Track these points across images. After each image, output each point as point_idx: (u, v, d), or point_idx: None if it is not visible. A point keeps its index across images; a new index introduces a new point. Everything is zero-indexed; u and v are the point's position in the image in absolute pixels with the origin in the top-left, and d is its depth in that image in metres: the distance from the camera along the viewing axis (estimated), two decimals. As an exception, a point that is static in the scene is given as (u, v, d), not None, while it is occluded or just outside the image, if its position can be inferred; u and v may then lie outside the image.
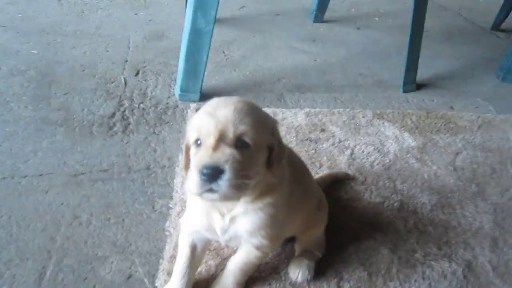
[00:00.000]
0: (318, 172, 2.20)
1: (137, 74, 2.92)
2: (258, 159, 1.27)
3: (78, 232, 1.80)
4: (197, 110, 2.49)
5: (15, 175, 2.03)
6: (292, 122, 2.57)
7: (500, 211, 2.11)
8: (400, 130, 2.59)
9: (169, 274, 1.61)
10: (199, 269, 1.66)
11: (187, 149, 1.34)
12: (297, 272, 1.66)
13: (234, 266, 1.54)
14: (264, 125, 1.30)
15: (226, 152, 1.19)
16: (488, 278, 1.78)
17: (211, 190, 1.19)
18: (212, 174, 1.17)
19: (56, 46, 3.12)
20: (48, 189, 1.98)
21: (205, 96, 2.71)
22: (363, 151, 2.39)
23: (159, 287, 1.61)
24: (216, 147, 1.20)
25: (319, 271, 1.71)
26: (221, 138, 1.20)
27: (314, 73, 3.18)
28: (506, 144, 2.60)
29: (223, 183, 1.17)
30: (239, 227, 1.39)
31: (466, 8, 4.81)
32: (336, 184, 2.15)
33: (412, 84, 3.10)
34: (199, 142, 1.25)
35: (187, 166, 1.34)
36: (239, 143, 1.22)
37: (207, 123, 1.22)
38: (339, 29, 3.96)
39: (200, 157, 1.20)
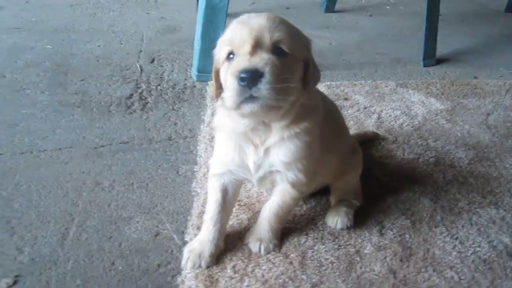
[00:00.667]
0: (346, 134, 2.11)
1: (152, 61, 2.88)
2: (296, 70, 1.18)
3: (100, 196, 1.72)
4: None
5: (33, 149, 1.97)
6: (313, 94, 2.50)
7: (543, 163, 1.99)
8: (425, 96, 2.50)
9: (199, 229, 1.51)
10: (230, 222, 1.56)
11: (216, 72, 1.26)
12: (336, 220, 1.55)
13: (269, 211, 1.44)
14: (299, 37, 1.23)
15: (264, 57, 1.11)
16: (540, 222, 1.65)
17: (251, 99, 1.10)
18: (251, 77, 1.08)
19: (70, 42, 3.11)
20: (68, 161, 1.91)
21: (222, 77, 2.65)
22: (390, 115, 2.29)
23: (189, 241, 1.50)
24: (253, 53, 1.12)
25: (358, 221, 1.60)
26: (257, 45, 1.12)
27: (330, 54, 3.12)
28: (538, 104, 2.49)
29: (264, 86, 1.08)
30: (274, 158, 1.29)
31: (477, -5, 4.77)
32: (366, 143, 2.05)
33: (432, 58, 3.02)
34: (231, 56, 1.18)
35: (217, 92, 1.26)
36: (276, 51, 1.14)
37: (241, 32, 1.14)
38: (351, 17, 3.93)
39: (237, 64, 1.12)
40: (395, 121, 2.24)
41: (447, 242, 1.53)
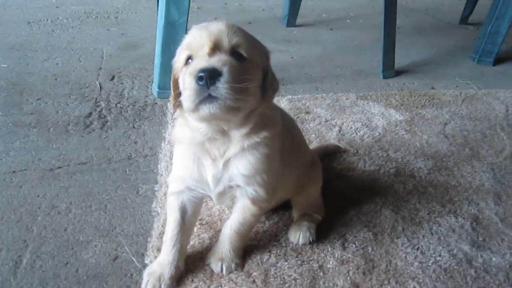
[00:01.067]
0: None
1: (112, 78, 2.83)
2: (254, 75, 1.17)
3: (56, 220, 1.66)
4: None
5: (-15, 173, 1.88)
6: (275, 108, 2.50)
7: (498, 170, 2.05)
8: (385, 108, 2.55)
9: (159, 250, 1.47)
10: (191, 242, 1.53)
11: (175, 81, 1.23)
12: (298, 235, 1.54)
13: (230, 229, 1.42)
14: (258, 46, 1.23)
15: (223, 57, 1.11)
16: (497, 229, 1.70)
17: (209, 98, 1.07)
18: (210, 76, 1.06)
19: (26, 60, 3.02)
20: (23, 184, 1.84)
21: (184, 93, 2.63)
22: (351, 127, 2.32)
23: (149, 264, 1.46)
24: (211, 54, 1.11)
25: (321, 235, 1.60)
26: (216, 47, 1.12)
27: (292, 68, 3.14)
28: (493, 113, 2.57)
29: (222, 85, 1.07)
30: (234, 172, 1.27)
31: (432, 9, 4.93)
32: (328, 156, 2.06)
33: (391, 70, 3.09)
34: (190, 60, 1.16)
35: (176, 102, 1.23)
36: (234, 54, 1.13)
37: (200, 36, 1.13)
38: (313, 31, 3.98)
39: (195, 64, 1.10)
40: (356, 133, 2.26)
41: (409, 253, 1.55)
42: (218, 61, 1.09)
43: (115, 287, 1.40)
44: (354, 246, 1.56)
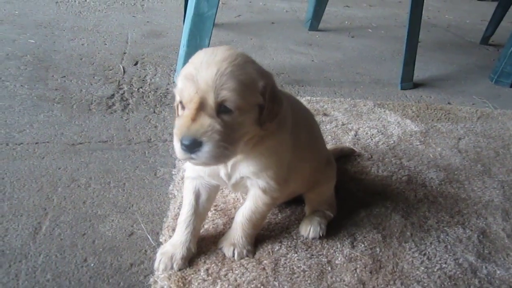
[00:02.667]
0: (324, 148, 2.15)
1: (135, 64, 2.88)
2: (243, 123, 1.21)
3: (76, 193, 1.71)
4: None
5: (9, 142, 1.94)
6: (294, 107, 2.54)
7: (508, 188, 2.07)
8: (401, 117, 2.58)
9: (174, 231, 1.52)
10: (206, 226, 1.58)
11: (177, 106, 1.28)
12: (309, 228, 1.58)
13: (242, 216, 1.46)
14: (252, 86, 1.21)
15: (205, 123, 1.15)
16: (503, 244, 1.72)
17: (192, 158, 1.17)
18: (191, 145, 1.14)
19: (53, 38, 3.09)
20: (45, 156, 1.89)
21: (205, 84, 2.68)
22: (367, 133, 2.36)
23: (164, 242, 1.50)
24: (195, 117, 1.15)
25: (331, 232, 1.64)
26: (201, 107, 1.16)
27: (312, 70, 3.18)
28: (507, 132, 2.60)
29: (202, 154, 1.15)
30: (243, 170, 1.33)
31: (454, 26, 4.96)
32: (342, 159, 2.10)
33: (409, 81, 3.12)
34: (181, 105, 1.23)
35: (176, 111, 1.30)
36: (221, 109, 1.17)
37: (188, 88, 1.17)
38: (334, 36, 4.02)
39: (180, 126, 1.16)
40: (371, 139, 2.30)
41: (416, 257, 1.58)
42: (200, 128, 1.14)
43: (130, 261, 1.44)
44: (362, 245, 1.60)
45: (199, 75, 1.16)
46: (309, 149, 1.54)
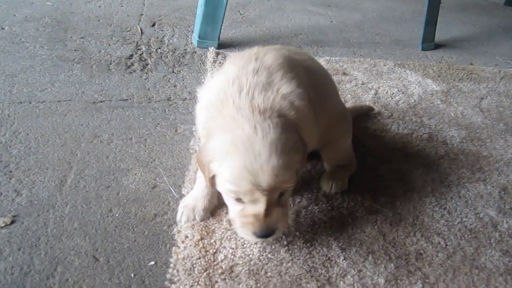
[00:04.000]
0: (343, 106, 2.14)
1: (153, 25, 2.87)
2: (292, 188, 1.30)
3: (99, 148, 1.73)
4: (216, 54, 2.46)
5: (32, 100, 1.96)
6: (312, 67, 2.52)
7: (531, 146, 2.05)
8: (422, 77, 2.54)
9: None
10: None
11: (209, 173, 1.25)
12: (330, 184, 1.59)
13: None
14: (297, 164, 1.25)
15: (277, 215, 1.22)
16: (525, 200, 1.71)
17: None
18: (267, 235, 1.23)
19: (70, 0, 3.07)
20: (67, 113, 1.91)
21: (223, 46, 2.67)
22: (387, 92, 2.33)
23: (186, 195, 1.53)
24: (267, 214, 1.20)
25: (351, 187, 1.64)
26: (269, 205, 1.20)
27: (331, 31, 3.13)
28: (531, 93, 2.54)
29: (275, 235, 1.27)
30: None
31: (478, -13, 4.80)
32: (362, 117, 2.09)
33: (430, 42, 3.05)
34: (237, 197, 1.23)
35: (212, 184, 1.27)
36: (280, 194, 1.24)
37: (246, 186, 1.17)
38: (353, -3, 3.93)
39: (253, 225, 1.22)
40: (392, 98, 2.28)
41: (436, 211, 1.58)
42: (273, 219, 1.22)
43: (153, 212, 1.47)
44: (383, 199, 1.60)
45: (258, 177, 1.15)
46: (323, 103, 1.51)
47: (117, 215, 1.45)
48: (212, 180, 1.25)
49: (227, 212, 1.46)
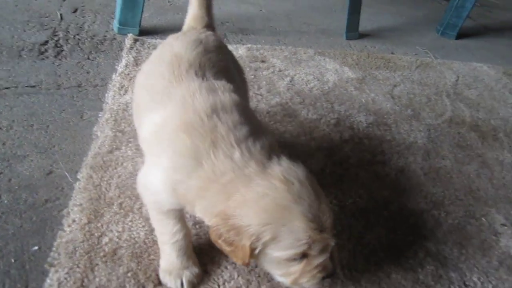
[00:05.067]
0: (256, 93, 2.17)
1: (75, 11, 2.80)
2: None
3: (-4, 134, 1.69)
4: (135, 41, 2.44)
5: None
6: (233, 55, 2.54)
7: (434, 131, 2.16)
8: (340, 65, 2.61)
9: (92, 168, 1.54)
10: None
11: (251, 246, 1.05)
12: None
13: None
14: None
15: (337, 255, 1.26)
16: (419, 181, 1.81)
17: None
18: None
19: (-13, -16, 2.95)
20: (-34, 99, 1.85)
21: (145, 32, 2.64)
22: (302, 79, 2.38)
23: (81, 179, 1.52)
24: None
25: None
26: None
27: (259, 20, 3.16)
28: (442, 80, 2.67)
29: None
30: None
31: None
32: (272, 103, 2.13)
33: (355, 31, 3.14)
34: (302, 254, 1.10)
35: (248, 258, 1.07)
36: None
37: (320, 239, 1.07)
38: (286, -13, 3.97)
39: (325, 270, 1.13)
40: (306, 85, 2.33)
41: (331, 192, 1.64)
42: (336, 261, 1.21)
43: (45, 198, 1.46)
44: (281, 182, 1.65)
45: (321, 221, 1.06)
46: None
47: (5, 201, 1.42)
48: (250, 251, 1.05)
49: (119, 196, 1.46)
